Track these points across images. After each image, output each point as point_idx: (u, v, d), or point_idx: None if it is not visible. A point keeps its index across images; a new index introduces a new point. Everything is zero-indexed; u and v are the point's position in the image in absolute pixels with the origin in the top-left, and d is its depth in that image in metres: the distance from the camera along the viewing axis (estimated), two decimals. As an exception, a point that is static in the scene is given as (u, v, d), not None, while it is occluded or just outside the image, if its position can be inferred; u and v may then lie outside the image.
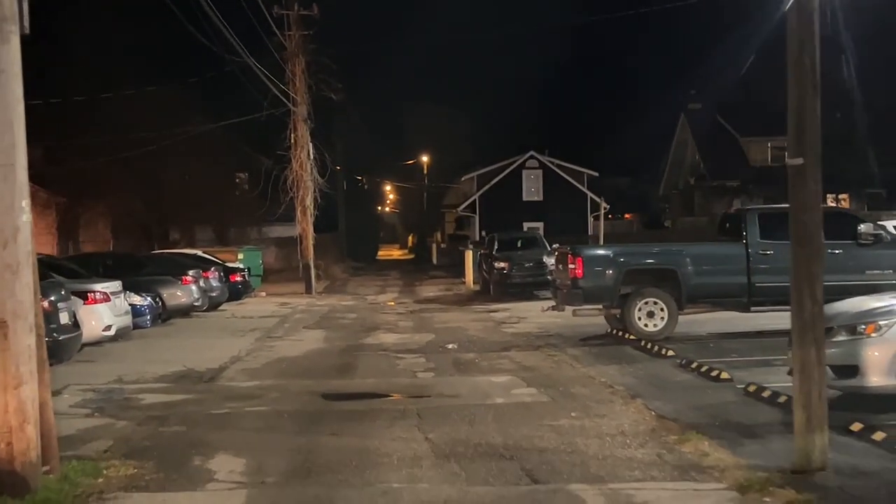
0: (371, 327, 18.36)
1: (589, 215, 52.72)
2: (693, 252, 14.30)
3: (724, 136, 56.99)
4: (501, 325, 18.42)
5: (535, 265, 24.60)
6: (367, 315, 21.67)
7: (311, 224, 29.82)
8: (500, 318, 20.04)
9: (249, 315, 21.53)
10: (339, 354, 14.13)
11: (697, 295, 14.14)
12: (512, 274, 24.48)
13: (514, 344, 14.85)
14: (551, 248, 25.70)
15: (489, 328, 17.79)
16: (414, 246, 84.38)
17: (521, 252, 25.77)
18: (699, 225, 53.95)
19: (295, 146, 29.43)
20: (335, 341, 15.96)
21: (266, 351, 14.70)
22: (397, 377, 11.66)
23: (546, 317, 19.56)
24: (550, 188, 52.32)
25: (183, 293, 18.88)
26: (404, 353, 13.89)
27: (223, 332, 17.74)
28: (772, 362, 11.43)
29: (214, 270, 21.52)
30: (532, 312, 20.83)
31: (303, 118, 29.44)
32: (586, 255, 14.24)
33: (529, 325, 17.88)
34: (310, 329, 18.33)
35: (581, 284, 14.09)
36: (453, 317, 20.66)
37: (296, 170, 29.33)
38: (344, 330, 18.01)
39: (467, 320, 19.66)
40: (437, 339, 15.74)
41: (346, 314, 22.03)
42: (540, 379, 11.02)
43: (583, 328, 15.91)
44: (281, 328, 18.60)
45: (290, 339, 16.46)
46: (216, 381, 11.62)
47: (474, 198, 53.45)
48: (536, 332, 16.47)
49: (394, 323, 19.36)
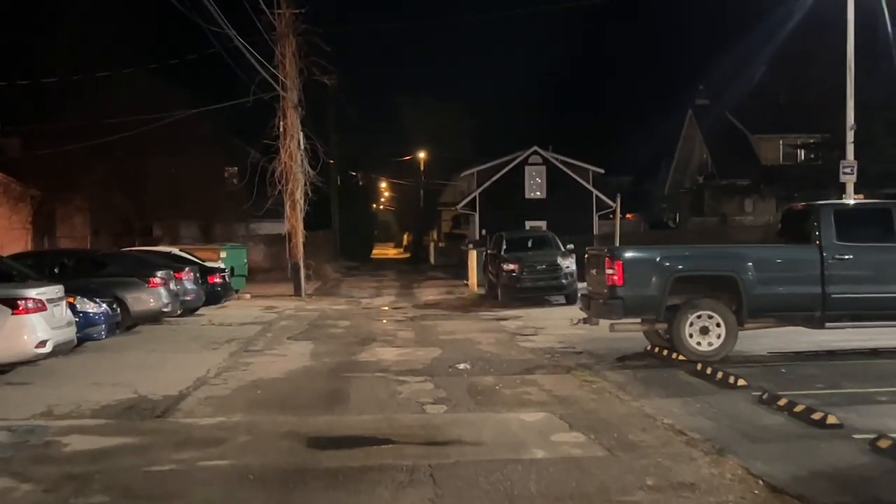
0: (366, 339, 15.90)
1: (594, 214, 50.35)
2: (756, 256, 11.85)
3: (734, 134, 54.72)
4: (516, 336, 15.99)
5: (548, 268, 22.20)
6: (362, 323, 19.22)
7: (301, 220, 27.33)
8: (513, 328, 17.63)
9: (229, 322, 19.07)
10: (327, 376, 11.66)
11: (761, 307, 11.72)
12: (522, 277, 22.05)
13: (537, 364, 12.41)
14: (565, 248, 23.34)
15: (503, 341, 15.35)
16: (410, 244, 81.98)
17: (531, 253, 23.34)
18: (709, 225, 51.69)
19: (284, 135, 26.94)
20: (324, 357, 13.49)
21: (240, 370, 12.23)
22: (401, 412, 9.20)
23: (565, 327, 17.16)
24: (554, 185, 49.90)
25: (150, 297, 16.41)
26: (407, 376, 11.45)
27: (194, 343, 15.27)
28: (874, 397, 9.09)
29: (189, 271, 19.05)
30: (548, 321, 18.46)
31: (293, 104, 26.95)
32: (627, 257, 11.79)
33: (549, 338, 15.47)
34: (295, 340, 15.86)
35: (621, 293, 11.66)
36: (459, 326, 18.21)
37: (284, 161, 26.84)
38: (335, 342, 15.54)
39: (475, 330, 17.22)
40: (445, 356, 13.30)
41: (337, 321, 19.58)
42: (583, 417, 8.60)
43: (614, 343, 13.51)
44: (262, 339, 16.13)
45: (270, 354, 13.98)
46: (170, 414, 9.16)
47: (474, 195, 50.98)
48: (560, 348, 14.05)
49: (392, 333, 16.91)
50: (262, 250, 40.69)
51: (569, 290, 22.26)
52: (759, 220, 50.26)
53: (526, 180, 50.32)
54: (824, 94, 47.24)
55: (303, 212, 27.43)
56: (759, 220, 50.15)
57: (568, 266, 22.16)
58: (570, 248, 23.46)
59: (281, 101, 26.74)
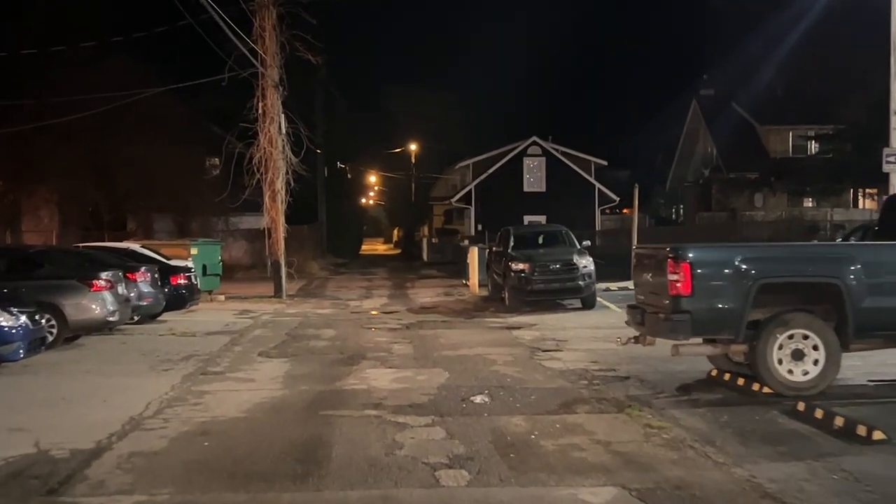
0: (354, 355, 13.05)
1: (597, 209, 47.70)
2: (866, 257, 9.02)
3: (741, 125, 52.14)
4: (536, 353, 13.17)
5: (562, 267, 19.39)
6: (350, 332, 16.36)
7: (283, 213, 24.44)
8: (529, 339, 14.82)
9: (193, 331, 16.22)
10: (302, 416, 8.81)
11: (871, 324, 8.93)
12: (534, 278, 19.23)
13: (575, 395, 9.61)
14: (581, 245, 20.56)
15: (521, 359, 12.53)
16: (400, 240, 79.08)
17: (543, 251, 20.51)
18: (718, 221, 49.00)
19: (263, 117, 24.03)
20: (300, 383, 10.64)
21: (190, 404, 9.38)
22: (403, 483, 6.37)
23: (592, 340, 14.44)
24: (554, 178, 47.23)
25: (92, 303, 13.52)
26: (408, 415, 8.63)
27: (142, 361, 12.41)
28: None
29: (146, 271, 16.15)
30: (569, 331, 15.71)
31: (273, 83, 24.05)
32: (697, 259, 8.97)
33: (578, 356, 12.68)
34: (268, 358, 12.99)
35: (688, 306, 8.86)
36: (464, 337, 15.38)
37: (263, 146, 23.94)
38: (316, 359, 12.68)
39: (485, 343, 14.40)
40: (454, 382, 10.49)
41: (321, 330, 16.71)
42: (675, 498, 5.83)
43: (664, 365, 10.81)
44: (228, 355, 13.26)
45: (233, 378, 11.12)
46: (68, 489, 6.31)
47: (470, 187, 48.28)
48: (597, 371, 11.26)
49: (385, 347, 14.06)
50: (242, 246, 37.82)
51: (586, 294, 19.49)
52: (771, 215, 47.67)
53: (524, 172, 47.67)
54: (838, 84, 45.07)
55: (284, 203, 24.56)
56: (770, 216, 47.56)
57: (585, 266, 19.37)
58: (587, 244, 20.69)
59: (260, 79, 23.83)
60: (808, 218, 46.81)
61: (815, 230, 45.55)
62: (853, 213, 48.08)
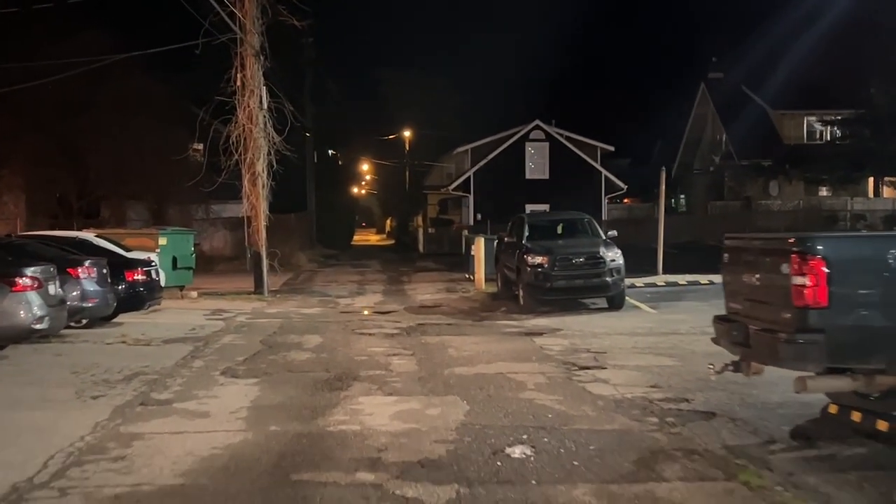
0: (343, 374, 10.28)
1: (603, 197, 44.95)
2: None
3: (753, 110, 49.40)
4: (573, 371, 10.43)
5: (587, 261, 16.63)
6: (338, 340, 13.57)
7: (264, 198, 21.62)
8: (558, 349, 12.09)
9: (149, 337, 13.45)
10: (266, 484, 6.02)
11: None
12: (554, 274, 16.46)
13: (651, 444, 6.87)
14: (607, 235, 17.82)
15: (558, 380, 9.79)
16: (393, 230, 76.26)
17: (564, 242, 17.72)
18: (732, 210, 46.30)
19: (242, 90, 21.19)
20: (270, 421, 7.87)
21: (107, 461, 6.59)
22: None
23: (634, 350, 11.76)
24: (558, 164, 44.42)
25: (13, 307, 10.71)
26: (420, 484, 5.89)
27: (70, 383, 9.62)
28: None
29: (90, 266, 13.34)
30: (603, 338, 13.03)
31: (253, 51, 21.19)
32: (836, 253, 6.21)
33: (629, 375, 9.96)
34: (233, 378, 10.20)
35: (823, 321, 6.13)
36: (478, 345, 12.63)
37: (242, 122, 21.11)
38: (293, 382, 9.88)
39: (505, 356, 11.65)
40: (477, 420, 7.76)
41: (303, 337, 13.92)
42: None
43: (749, 390, 8.24)
44: (183, 373, 10.48)
45: (181, 413, 8.34)
46: None
47: (468, 174, 45.39)
48: (664, 400, 8.53)
49: (383, 362, 11.29)
50: (224, 236, 35.00)
51: (614, 292, 16.75)
52: (787, 204, 45.09)
53: (527, 158, 44.85)
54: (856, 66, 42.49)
55: (266, 188, 21.74)
56: (787, 205, 44.98)
57: (613, 259, 16.63)
58: (613, 235, 17.93)
59: (238, 46, 21.00)
60: (827, 207, 44.30)
61: (834, 220, 43.07)
62: (874, 203, 45.57)
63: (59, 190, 32.96)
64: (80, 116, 31.15)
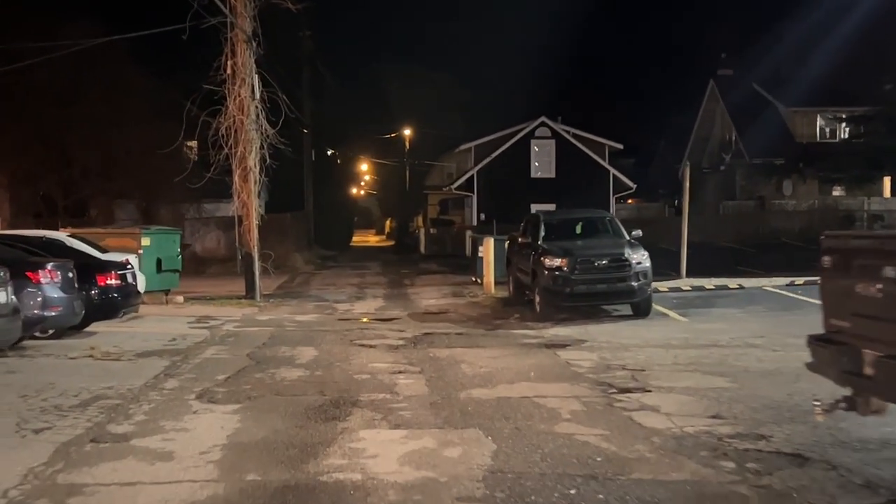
0: (340, 400, 8.68)
1: (612, 196, 43.35)
2: None
3: (764, 107, 47.78)
4: (611, 392, 8.84)
5: (611, 263, 15.05)
6: (336, 353, 11.98)
7: (256, 195, 20.05)
8: (588, 366, 10.51)
9: (123, 350, 11.88)
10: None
11: None
12: (574, 278, 14.87)
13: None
14: (631, 236, 16.25)
15: (596, 406, 8.19)
16: (393, 231, 74.63)
17: (583, 242, 16.12)
18: (745, 210, 44.72)
19: (233, 78, 19.62)
20: (248, 466, 6.26)
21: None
22: None
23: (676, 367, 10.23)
24: (565, 162, 42.83)
25: (-47, 319, 9.12)
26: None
27: (12, 411, 8.00)
28: None
29: (54, 269, 11.74)
30: (635, 350, 11.49)
31: (245, 37, 19.63)
32: None
33: (680, 400, 8.38)
34: (209, 403, 8.59)
35: None
36: (495, 360, 11.04)
37: (233, 113, 19.55)
38: (281, 409, 8.27)
39: (529, 373, 10.06)
40: (507, 464, 6.18)
41: (296, 350, 12.32)
42: None
43: (836, 424, 6.60)
44: (151, 397, 8.88)
45: (139, 453, 6.72)
46: None
47: (471, 173, 43.79)
48: (734, 436, 6.93)
49: (387, 382, 9.70)
50: (217, 236, 33.38)
51: (640, 297, 15.18)
52: (802, 203, 43.55)
53: (532, 157, 43.25)
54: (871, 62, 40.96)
55: (259, 184, 20.17)
56: (801, 205, 43.44)
57: (639, 262, 15.06)
58: (638, 234, 16.33)
59: (229, 30, 19.45)
60: (843, 207, 42.75)
61: (850, 220, 41.56)
62: (891, 203, 44.04)
63: (44, 188, 31.42)
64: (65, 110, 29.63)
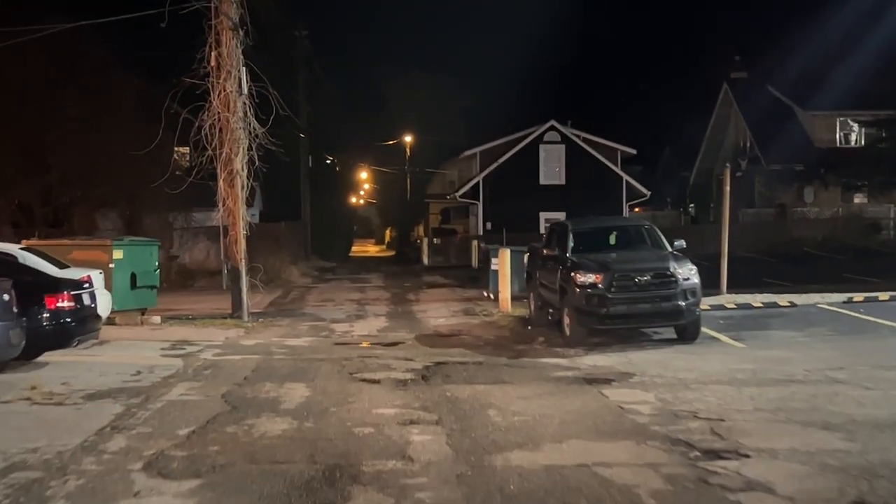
0: (335, 470, 6.45)
1: (624, 204, 41.14)
2: None
3: (782, 112, 45.57)
4: (696, 459, 6.63)
5: (654, 280, 12.82)
6: (331, 395, 9.72)
7: (243, 201, 17.86)
8: (649, 413, 8.31)
9: (68, 389, 9.67)
10: None
11: None
12: (612, 297, 12.65)
13: None
14: (674, 247, 14.06)
15: (688, 489, 5.97)
16: (393, 241, 72.44)
17: (620, 255, 13.83)
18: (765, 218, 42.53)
19: (217, 71, 17.46)
20: None
21: None
22: None
23: (763, 413, 8.02)
24: (575, 169, 40.65)
25: None
26: None
27: None
28: None
29: (-18, 291, 9.54)
30: (698, 389, 9.39)
31: (231, 24, 17.46)
32: None
33: (798, 476, 6.17)
34: (158, 478, 6.33)
35: None
36: (529, 404, 8.82)
37: (217, 110, 17.37)
38: (253, 489, 6.00)
39: (577, 424, 7.85)
40: None
41: (283, 388, 10.07)
42: None
43: None
44: (84, 465, 6.64)
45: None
46: None
47: (477, 180, 41.60)
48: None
49: (397, 443, 7.44)
50: (206, 247, 31.12)
51: (688, 319, 12.98)
52: (826, 211, 41.37)
53: (541, 162, 41.05)
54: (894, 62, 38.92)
55: (246, 189, 17.96)
56: (825, 212, 41.27)
57: (687, 277, 12.86)
58: (681, 245, 14.10)
59: (213, 17, 17.29)
60: (868, 215, 40.56)
61: (877, 229, 39.43)
62: (920, 211, 41.87)
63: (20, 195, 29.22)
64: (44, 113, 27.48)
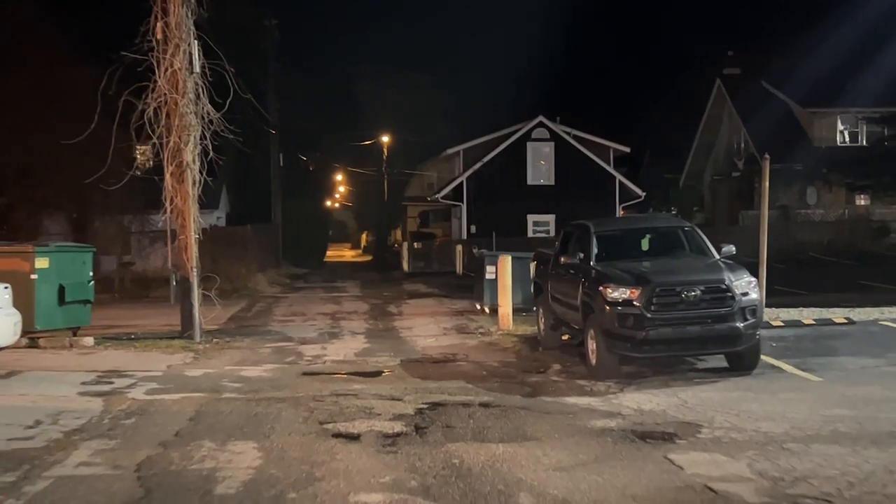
0: None
1: (618, 206, 38.67)
2: None
3: (778, 108, 43.34)
4: None
5: (704, 296, 10.10)
6: (291, 464, 6.93)
7: (195, 199, 15.02)
8: (752, 499, 5.59)
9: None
10: None
11: None
12: (652, 317, 9.95)
13: None
14: (723, 253, 11.37)
15: None
16: (370, 245, 69.60)
17: (657, 264, 11.03)
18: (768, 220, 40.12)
19: (164, 44, 14.66)
20: None
21: None
22: None
23: None
24: (565, 168, 38.14)
25: None
26: None
27: None
28: None
29: None
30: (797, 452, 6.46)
31: (180, -9, 14.66)
32: None
33: None
34: None
35: None
36: (574, 481, 6.13)
37: (163, 90, 14.55)
38: None
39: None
40: None
41: (223, 453, 7.24)
42: None
43: None
44: None
45: None
46: None
47: (460, 180, 38.91)
48: None
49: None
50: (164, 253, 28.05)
51: (746, 344, 10.29)
52: (830, 213, 39.09)
53: (529, 161, 38.48)
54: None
55: (199, 186, 15.13)
56: (829, 214, 39.00)
57: (745, 292, 10.19)
58: (730, 250, 11.42)
59: (157, -20, 14.48)
60: (877, 218, 38.34)
61: (885, 231, 37.25)
62: (928, 213, 39.74)
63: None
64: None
